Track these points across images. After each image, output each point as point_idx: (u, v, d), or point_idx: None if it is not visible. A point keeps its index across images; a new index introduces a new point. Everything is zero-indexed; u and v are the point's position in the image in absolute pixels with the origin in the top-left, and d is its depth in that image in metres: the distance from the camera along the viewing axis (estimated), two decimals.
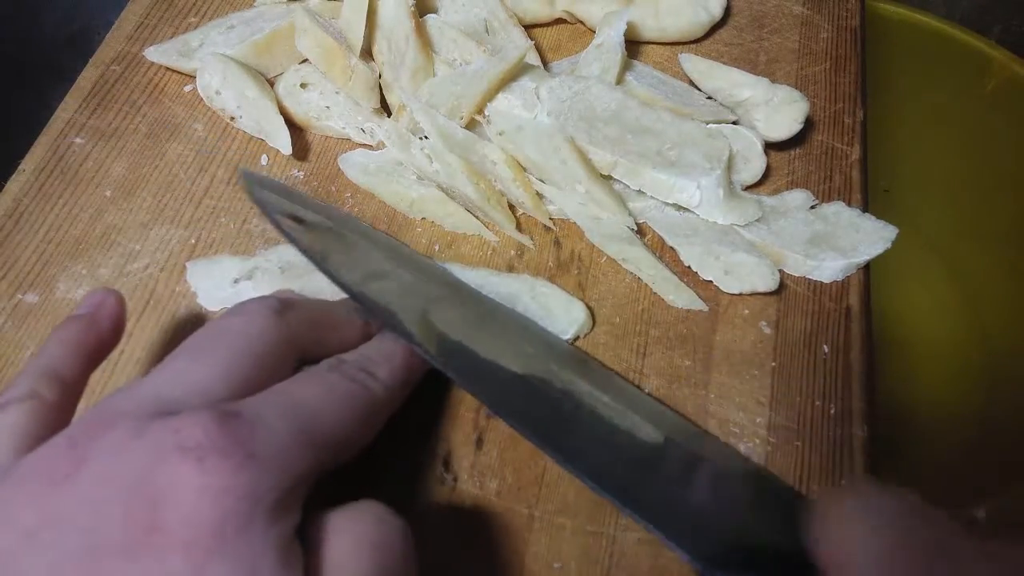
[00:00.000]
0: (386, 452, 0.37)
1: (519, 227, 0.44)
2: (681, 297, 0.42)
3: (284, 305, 0.31)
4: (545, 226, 0.45)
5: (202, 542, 0.22)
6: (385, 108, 0.47)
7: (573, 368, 0.36)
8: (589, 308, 0.41)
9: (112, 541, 0.22)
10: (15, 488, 0.24)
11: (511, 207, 0.45)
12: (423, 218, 0.45)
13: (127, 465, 0.24)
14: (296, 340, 0.30)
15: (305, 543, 0.25)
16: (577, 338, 0.40)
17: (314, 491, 0.27)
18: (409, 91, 0.46)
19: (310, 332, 0.31)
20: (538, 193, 0.44)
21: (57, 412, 0.28)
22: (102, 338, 0.31)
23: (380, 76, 0.47)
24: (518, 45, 0.48)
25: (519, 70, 0.46)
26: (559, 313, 0.40)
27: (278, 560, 0.23)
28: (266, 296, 0.32)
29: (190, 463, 0.23)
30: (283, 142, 0.45)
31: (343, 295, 0.35)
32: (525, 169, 0.45)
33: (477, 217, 0.44)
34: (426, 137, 0.44)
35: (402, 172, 0.45)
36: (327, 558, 0.25)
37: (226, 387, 0.27)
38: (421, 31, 0.46)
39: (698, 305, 0.42)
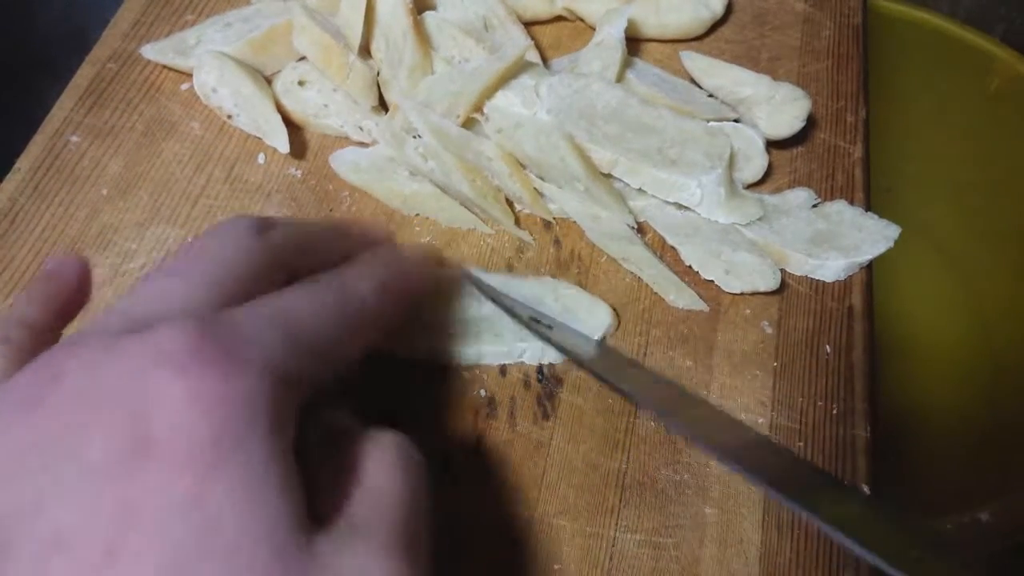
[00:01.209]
0: None
1: (517, 223, 0.44)
2: (682, 297, 0.41)
3: (265, 224, 0.29)
4: (545, 224, 0.44)
5: (199, 455, 0.21)
6: (383, 106, 0.47)
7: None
8: (613, 309, 0.41)
9: (102, 459, 0.21)
10: None
11: (509, 204, 0.44)
12: (417, 214, 0.44)
13: (103, 381, 0.22)
14: (278, 259, 0.29)
15: (335, 463, 0.25)
16: (604, 339, 0.40)
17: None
18: (407, 88, 0.45)
19: (294, 252, 0.30)
20: (536, 189, 0.44)
21: (28, 355, 0.26)
22: (68, 290, 0.30)
23: (378, 73, 0.47)
24: (517, 44, 0.48)
25: (518, 69, 0.46)
26: (583, 315, 0.40)
27: (281, 472, 0.22)
28: (244, 215, 0.30)
29: (173, 372, 0.22)
30: (280, 140, 0.44)
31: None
32: (524, 167, 0.44)
33: (472, 211, 0.44)
34: (419, 136, 0.43)
35: (394, 168, 0.45)
36: (361, 478, 0.25)
37: (210, 302, 0.25)
38: (419, 28, 0.46)
39: (699, 305, 0.41)
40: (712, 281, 0.42)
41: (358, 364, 0.29)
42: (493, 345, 0.39)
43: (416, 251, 0.36)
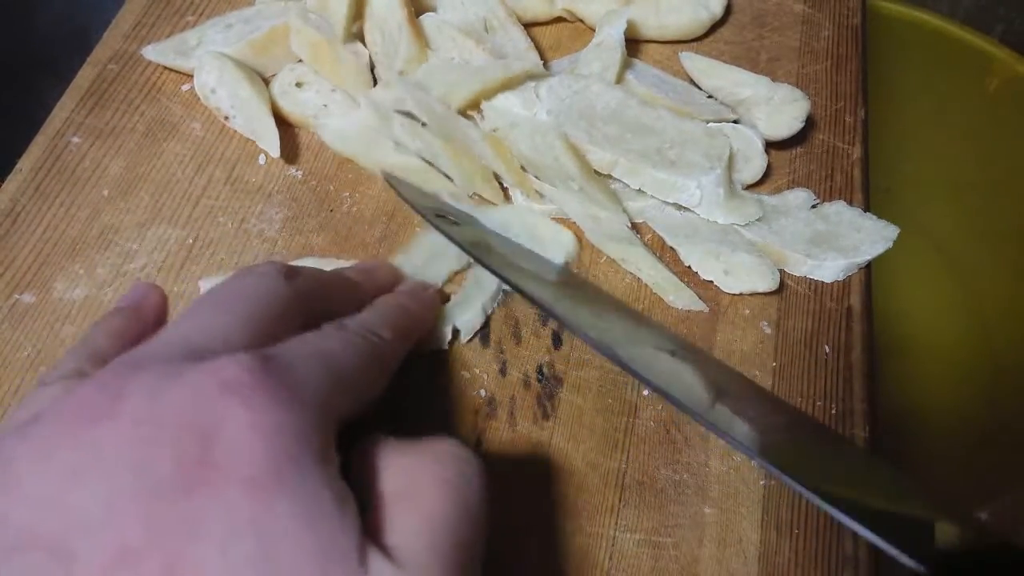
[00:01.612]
0: None
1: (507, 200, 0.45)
2: (681, 298, 0.41)
3: (290, 270, 0.31)
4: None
5: (261, 480, 0.22)
6: None
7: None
8: (576, 235, 0.43)
9: (166, 478, 0.22)
10: (50, 427, 0.23)
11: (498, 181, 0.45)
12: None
13: (168, 404, 0.23)
14: (303, 302, 0.31)
15: (373, 482, 0.26)
16: (567, 263, 0.43)
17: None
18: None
19: (315, 296, 0.32)
20: (523, 168, 0.44)
21: None
22: (145, 326, 0.31)
23: (373, 68, 0.47)
24: (523, 58, 0.48)
25: (521, 79, 0.46)
26: (548, 240, 0.43)
27: (335, 497, 0.23)
28: (271, 261, 0.33)
29: (237, 401, 0.23)
30: (272, 144, 0.44)
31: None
32: (525, 170, 0.44)
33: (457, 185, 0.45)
34: (407, 113, 0.44)
35: (380, 139, 0.45)
36: (415, 498, 0.25)
37: (248, 337, 0.27)
38: (413, 20, 0.46)
39: (698, 306, 0.41)
40: (711, 281, 0.42)
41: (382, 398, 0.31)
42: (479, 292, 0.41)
43: (421, 290, 0.39)
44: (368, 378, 0.29)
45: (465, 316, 0.40)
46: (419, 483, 0.26)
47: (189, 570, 0.21)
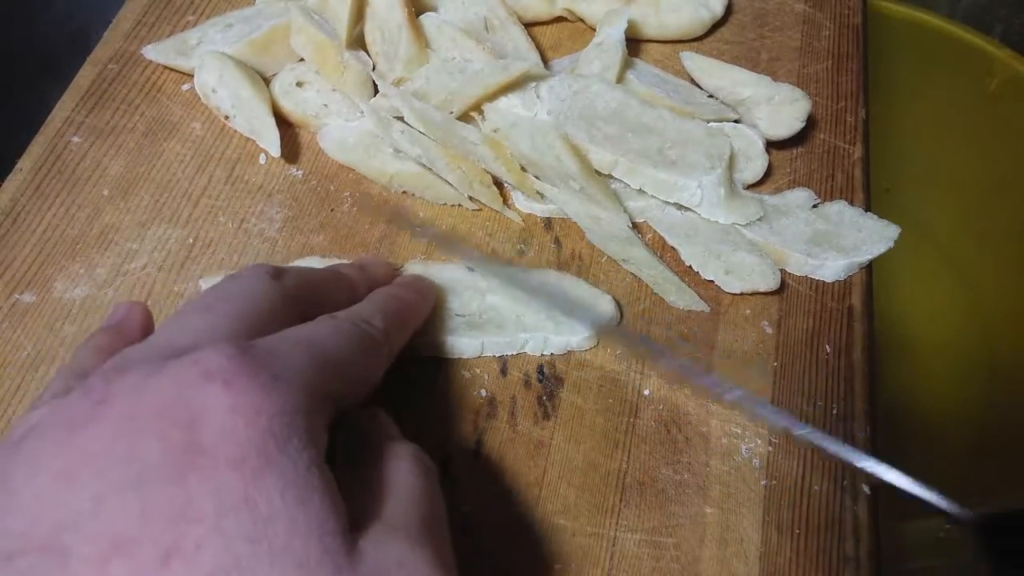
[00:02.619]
0: None
1: (506, 203, 0.45)
2: (682, 298, 0.41)
3: (278, 271, 0.32)
4: (545, 224, 0.44)
5: (249, 460, 0.22)
6: None
7: None
8: (617, 302, 0.41)
9: (155, 467, 0.22)
10: (37, 439, 0.24)
11: (498, 186, 0.45)
12: (404, 191, 0.45)
13: (151, 397, 0.23)
14: (292, 301, 0.31)
15: (364, 471, 0.27)
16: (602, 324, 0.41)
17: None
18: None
19: (305, 294, 0.32)
20: (523, 168, 0.44)
21: None
22: (131, 342, 0.31)
23: (374, 68, 0.47)
24: (523, 57, 0.48)
25: (522, 81, 0.46)
26: (587, 300, 0.41)
27: (322, 477, 0.24)
28: (259, 263, 0.33)
29: (218, 386, 0.23)
30: (272, 143, 0.44)
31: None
32: (525, 170, 0.44)
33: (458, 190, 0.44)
34: (402, 119, 0.44)
35: (380, 146, 0.45)
36: (387, 482, 0.27)
37: (233, 333, 0.28)
38: (413, 20, 0.46)
39: (699, 305, 0.41)
40: (712, 281, 0.42)
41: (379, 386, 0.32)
42: (495, 336, 0.39)
43: (417, 281, 0.39)
44: (360, 364, 0.30)
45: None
46: (390, 469, 0.28)
47: (185, 553, 0.21)
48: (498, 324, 0.39)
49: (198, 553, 0.21)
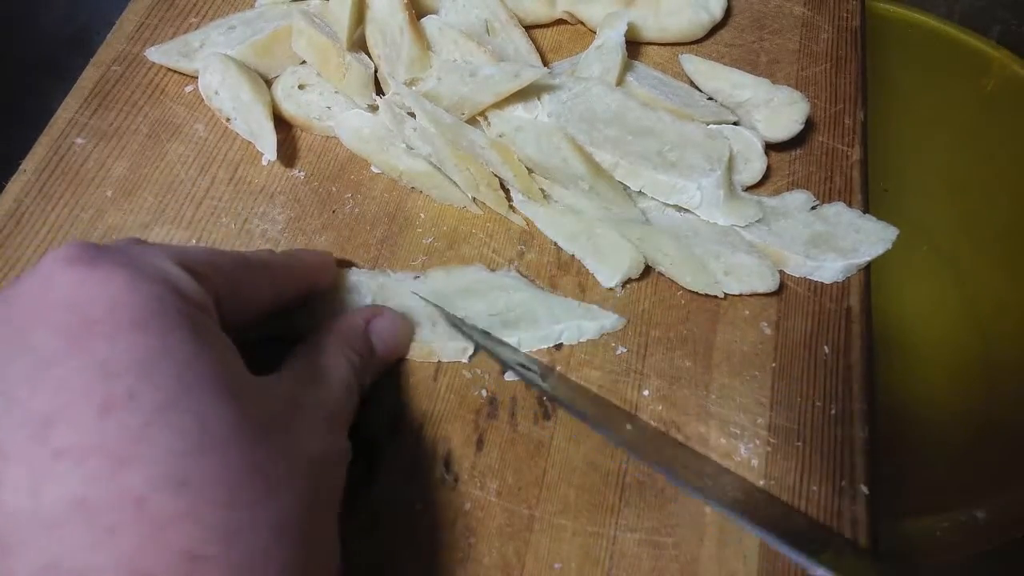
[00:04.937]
0: (387, 452, 0.37)
1: (511, 208, 0.45)
2: (698, 280, 0.41)
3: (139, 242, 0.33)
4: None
5: (151, 321, 0.25)
6: None
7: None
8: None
9: (53, 349, 0.24)
10: None
11: (505, 190, 0.45)
12: (414, 188, 0.46)
13: (21, 300, 0.25)
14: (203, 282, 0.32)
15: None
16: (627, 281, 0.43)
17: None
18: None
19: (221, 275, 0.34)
20: (528, 170, 0.45)
21: None
22: None
23: (376, 71, 0.47)
24: (533, 65, 0.48)
25: (530, 89, 0.46)
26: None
27: (192, 333, 0.26)
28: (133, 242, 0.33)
29: (83, 268, 0.25)
30: (269, 147, 0.45)
31: None
32: (531, 171, 0.45)
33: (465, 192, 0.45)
34: (413, 115, 0.44)
35: (393, 140, 0.45)
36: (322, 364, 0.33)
37: None
38: (415, 23, 0.46)
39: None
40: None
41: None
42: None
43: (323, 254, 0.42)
44: (242, 279, 0.32)
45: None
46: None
47: (120, 401, 0.23)
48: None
49: (133, 400, 0.23)
